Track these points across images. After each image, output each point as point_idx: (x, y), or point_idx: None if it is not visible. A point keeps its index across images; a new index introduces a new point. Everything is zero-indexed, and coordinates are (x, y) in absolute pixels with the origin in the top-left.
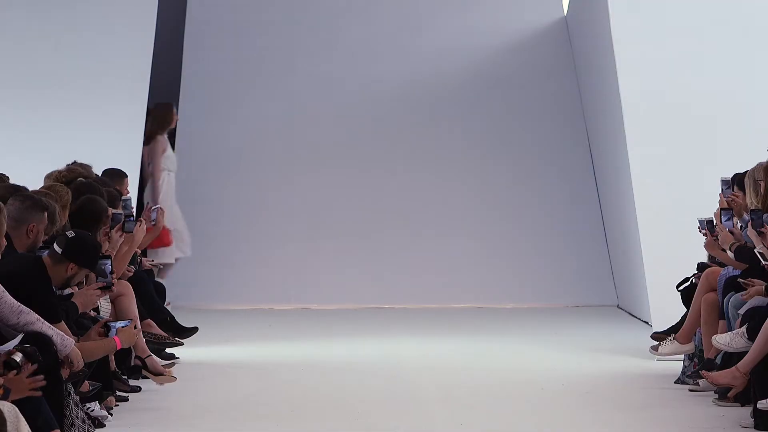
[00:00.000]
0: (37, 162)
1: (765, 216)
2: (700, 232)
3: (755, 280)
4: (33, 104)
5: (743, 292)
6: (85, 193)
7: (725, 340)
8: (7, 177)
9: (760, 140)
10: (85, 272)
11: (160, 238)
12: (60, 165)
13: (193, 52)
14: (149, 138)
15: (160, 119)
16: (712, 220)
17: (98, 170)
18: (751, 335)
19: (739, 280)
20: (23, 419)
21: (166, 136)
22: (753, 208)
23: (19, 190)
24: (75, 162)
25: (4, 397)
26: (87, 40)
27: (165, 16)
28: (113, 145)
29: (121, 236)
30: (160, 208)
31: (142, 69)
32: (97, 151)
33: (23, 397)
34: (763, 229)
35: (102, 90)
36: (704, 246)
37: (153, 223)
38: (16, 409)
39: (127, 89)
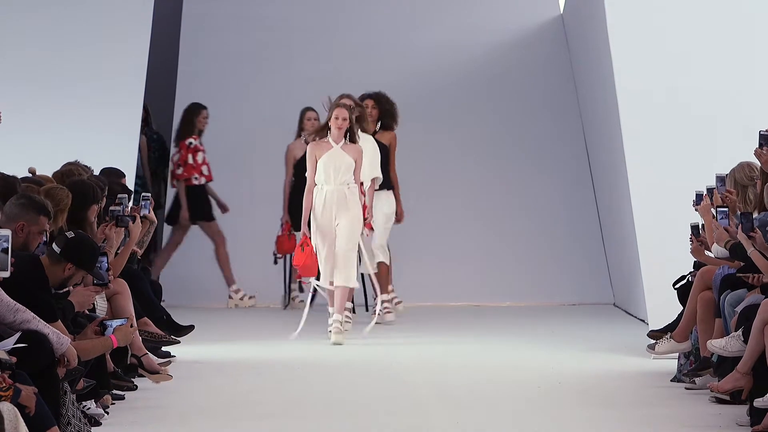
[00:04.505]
0: (32, 161)
1: (757, 218)
2: (694, 207)
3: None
4: (29, 104)
5: (740, 290)
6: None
7: (720, 344)
8: None
9: (757, 138)
10: (82, 273)
11: None
12: (56, 164)
13: (189, 50)
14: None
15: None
16: (698, 225)
17: (96, 169)
18: (747, 338)
19: (738, 274)
20: (22, 419)
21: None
22: (742, 211)
23: (8, 180)
24: (76, 162)
25: (15, 399)
26: (82, 39)
27: (161, 15)
28: (110, 144)
29: (115, 232)
30: (151, 199)
31: (138, 67)
32: (93, 150)
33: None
34: (753, 233)
35: (98, 89)
36: (690, 252)
37: (144, 215)
38: (15, 409)
39: (123, 88)
